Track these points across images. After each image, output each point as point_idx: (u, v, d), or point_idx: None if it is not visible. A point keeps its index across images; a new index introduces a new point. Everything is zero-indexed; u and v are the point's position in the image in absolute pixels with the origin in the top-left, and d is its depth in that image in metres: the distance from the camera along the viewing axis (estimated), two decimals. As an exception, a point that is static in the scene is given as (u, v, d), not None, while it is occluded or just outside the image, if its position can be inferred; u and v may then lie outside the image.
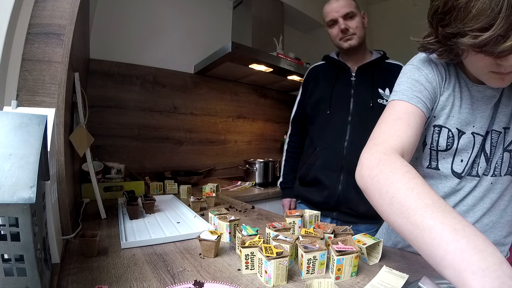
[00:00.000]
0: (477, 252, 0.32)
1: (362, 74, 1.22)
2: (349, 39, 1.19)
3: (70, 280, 0.49)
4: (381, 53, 1.27)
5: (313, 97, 1.31)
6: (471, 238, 0.33)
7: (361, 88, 1.20)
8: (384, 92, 1.19)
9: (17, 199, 0.33)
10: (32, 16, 0.67)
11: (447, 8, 0.48)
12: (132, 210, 0.87)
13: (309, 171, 1.27)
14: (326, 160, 1.22)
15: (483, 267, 0.31)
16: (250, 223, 0.91)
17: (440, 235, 0.35)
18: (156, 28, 1.85)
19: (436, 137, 0.65)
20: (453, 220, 0.36)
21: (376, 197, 0.47)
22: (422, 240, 0.37)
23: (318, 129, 1.28)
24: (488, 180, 0.65)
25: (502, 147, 0.63)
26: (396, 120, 0.58)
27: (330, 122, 1.23)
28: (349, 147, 1.17)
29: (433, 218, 0.37)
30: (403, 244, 0.76)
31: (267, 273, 0.49)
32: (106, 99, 1.65)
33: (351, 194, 1.15)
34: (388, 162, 0.49)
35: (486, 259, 0.31)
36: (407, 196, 0.41)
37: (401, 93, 0.62)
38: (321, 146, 1.25)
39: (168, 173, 1.73)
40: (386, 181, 0.46)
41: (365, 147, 0.56)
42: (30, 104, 0.65)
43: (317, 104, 1.28)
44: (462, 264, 0.32)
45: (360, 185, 0.53)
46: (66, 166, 0.70)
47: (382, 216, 0.46)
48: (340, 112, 1.21)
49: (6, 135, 0.36)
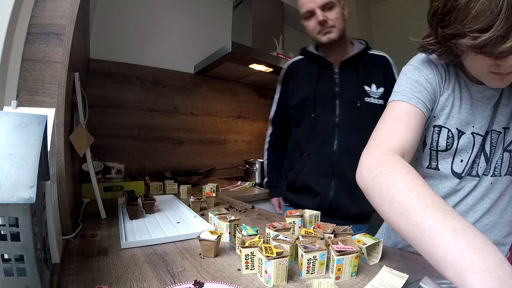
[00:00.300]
0: (478, 252, 0.32)
1: (345, 70, 1.14)
2: (328, 32, 1.08)
3: (70, 280, 0.49)
4: (363, 43, 1.19)
5: (295, 99, 1.21)
6: (471, 238, 0.33)
7: (346, 87, 1.13)
8: (370, 89, 1.13)
9: (17, 199, 0.33)
10: (32, 16, 0.67)
11: (447, 9, 0.48)
12: (132, 210, 0.87)
13: (297, 178, 1.20)
14: (315, 166, 1.15)
15: (483, 267, 0.31)
16: (250, 223, 0.91)
17: (440, 235, 0.35)
18: (156, 28, 1.85)
19: (436, 137, 0.65)
20: (453, 221, 0.36)
21: (377, 198, 0.47)
22: (422, 241, 0.37)
23: (304, 132, 1.20)
24: (488, 180, 0.65)
25: (502, 147, 0.63)
26: (396, 121, 0.58)
27: (316, 125, 1.16)
28: (338, 152, 1.12)
29: (433, 218, 0.37)
30: (403, 244, 0.76)
31: (267, 273, 0.49)
32: (106, 99, 1.65)
33: (344, 200, 1.12)
34: (388, 163, 0.49)
35: (487, 259, 0.31)
36: (407, 197, 0.41)
37: (401, 93, 0.62)
38: (308, 151, 1.17)
39: (168, 173, 1.73)
40: (387, 181, 0.46)
41: (365, 148, 0.56)
42: (30, 104, 0.65)
43: (301, 106, 1.19)
44: (463, 264, 0.32)
45: (361, 185, 0.53)
46: (66, 166, 0.70)
47: (382, 216, 0.46)
48: (326, 114, 1.14)
49: (6, 135, 0.36)
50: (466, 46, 0.46)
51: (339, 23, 1.09)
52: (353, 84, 1.13)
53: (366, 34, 2.51)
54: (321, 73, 1.17)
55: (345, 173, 1.10)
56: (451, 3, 0.47)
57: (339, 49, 1.15)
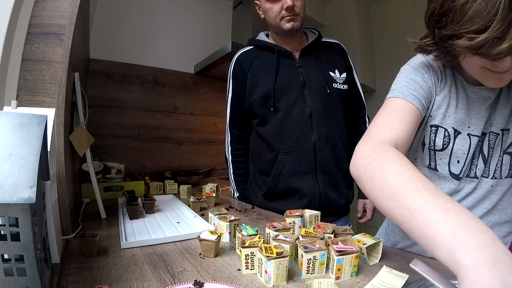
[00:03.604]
0: (468, 230, 0.32)
1: (306, 58, 1.09)
2: (292, 19, 1.03)
3: (70, 280, 0.49)
4: (314, 31, 1.15)
5: (256, 93, 1.08)
6: (461, 217, 0.33)
7: (311, 75, 1.07)
8: (335, 74, 1.09)
9: (17, 199, 0.33)
10: (32, 16, 0.67)
11: (444, 10, 0.48)
12: (132, 210, 0.87)
13: (276, 182, 1.07)
14: (295, 164, 1.05)
15: (474, 244, 0.30)
16: (250, 223, 0.91)
17: (430, 215, 0.35)
18: (156, 28, 1.85)
19: (433, 136, 0.66)
20: (444, 201, 0.36)
21: (369, 184, 0.47)
22: (413, 222, 0.37)
23: (274, 129, 1.08)
24: (489, 183, 0.65)
25: (501, 149, 0.63)
26: (391, 116, 0.59)
27: (288, 119, 1.05)
28: (318, 143, 1.04)
29: (423, 199, 0.37)
30: (403, 244, 0.77)
31: (267, 273, 0.49)
32: (106, 99, 1.65)
33: (331, 193, 1.06)
34: (381, 151, 0.49)
35: (478, 236, 0.31)
36: (398, 180, 0.42)
37: (397, 91, 0.63)
38: (284, 150, 1.06)
39: (168, 173, 1.73)
40: (379, 167, 0.46)
41: (360, 140, 0.57)
42: (30, 104, 0.65)
43: (265, 100, 1.07)
44: (454, 242, 0.31)
45: (353, 174, 0.54)
46: (66, 166, 0.70)
47: (374, 202, 0.47)
48: (298, 105, 1.05)
49: (6, 135, 0.36)
50: (463, 47, 0.46)
51: (302, 12, 1.05)
52: (318, 71, 1.08)
53: (366, 34, 2.51)
54: (281, 63, 1.08)
55: (328, 164, 1.06)
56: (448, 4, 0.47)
57: (295, 38, 1.11)
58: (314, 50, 1.11)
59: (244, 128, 1.22)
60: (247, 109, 1.14)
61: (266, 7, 1.06)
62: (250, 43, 1.18)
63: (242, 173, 1.24)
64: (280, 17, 1.04)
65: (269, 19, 1.08)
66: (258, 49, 1.15)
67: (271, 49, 1.10)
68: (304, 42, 1.13)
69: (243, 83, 1.13)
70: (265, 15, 1.10)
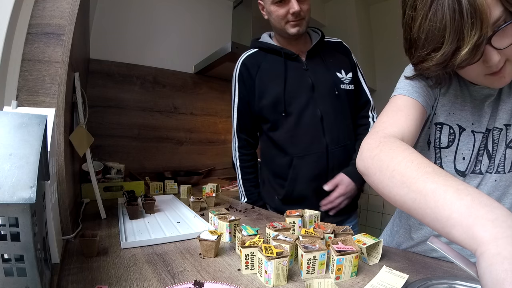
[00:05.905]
0: (484, 206, 0.32)
1: (312, 61, 1.08)
2: (298, 24, 1.02)
3: (70, 280, 0.49)
4: (317, 31, 1.14)
5: (266, 98, 1.07)
6: (475, 196, 0.33)
7: (319, 77, 1.06)
8: (341, 75, 1.09)
9: (17, 199, 0.33)
10: (32, 16, 0.67)
11: (408, 44, 0.53)
12: (132, 210, 0.87)
13: (294, 187, 1.08)
14: (309, 169, 1.05)
15: (491, 218, 0.30)
16: (250, 223, 0.91)
17: (443, 196, 0.35)
18: (156, 28, 1.85)
19: (438, 134, 0.66)
20: (455, 183, 0.36)
21: (378, 175, 0.47)
22: (426, 205, 0.37)
23: (286, 134, 1.07)
24: (492, 178, 0.65)
25: (505, 143, 0.64)
26: (396, 112, 0.60)
27: (300, 123, 1.05)
28: (330, 145, 1.04)
29: (435, 182, 0.37)
30: (407, 245, 0.77)
31: (267, 273, 0.49)
32: (106, 99, 1.65)
33: None
34: (388, 143, 0.50)
35: (494, 212, 0.31)
36: (407, 167, 0.42)
37: (402, 89, 0.64)
38: (298, 154, 1.06)
39: (168, 173, 1.73)
40: (387, 157, 0.47)
41: (366, 136, 0.58)
42: (30, 104, 0.65)
43: (275, 105, 1.06)
44: (470, 219, 0.31)
45: (360, 167, 0.54)
46: (66, 166, 0.70)
47: (383, 193, 0.47)
48: (308, 109, 1.04)
49: (6, 135, 0.36)
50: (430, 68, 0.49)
51: (308, 16, 1.04)
52: (325, 73, 1.08)
53: (366, 34, 2.51)
54: (288, 66, 1.07)
55: (339, 165, 1.06)
56: (408, 37, 0.51)
57: (300, 41, 1.10)
58: (319, 51, 1.10)
59: (252, 132, 1.21)
60: (257, 114, 1.13)
61: (271, 10, 1.04)
62: (255, 45, 1.16)
63: (251, 178, 1.22)
64: (285, 21, 1.02)
65: (273, 22, 1.07)
66: (263, 51, 1.13)
67: (278, 52, 1.08)
68: (308, 43, 1.13)
69: (250, 88, 1.11)
70: (269, 17, 1.08)
